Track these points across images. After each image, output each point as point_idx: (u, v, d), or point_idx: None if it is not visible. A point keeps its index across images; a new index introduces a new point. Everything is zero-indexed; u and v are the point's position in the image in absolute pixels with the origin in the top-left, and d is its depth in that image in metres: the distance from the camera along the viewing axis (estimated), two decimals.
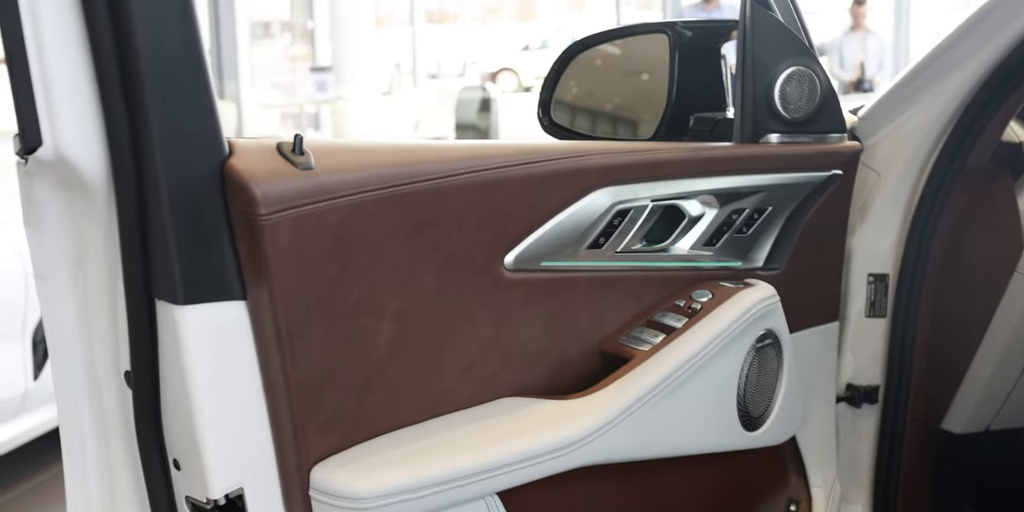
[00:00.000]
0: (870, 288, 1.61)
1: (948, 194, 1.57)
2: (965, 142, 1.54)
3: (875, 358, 1.64)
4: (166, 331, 0.94)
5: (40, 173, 0.94)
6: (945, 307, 1.64)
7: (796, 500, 1.57)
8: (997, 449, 1.95)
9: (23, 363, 3.14)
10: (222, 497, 0.97)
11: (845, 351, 1.64)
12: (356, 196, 0.98)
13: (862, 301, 1.61)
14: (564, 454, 1.12)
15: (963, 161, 1.55)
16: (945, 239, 1.61)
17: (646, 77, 1.55)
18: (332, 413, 1.01)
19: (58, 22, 0.87)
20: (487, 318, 1.14)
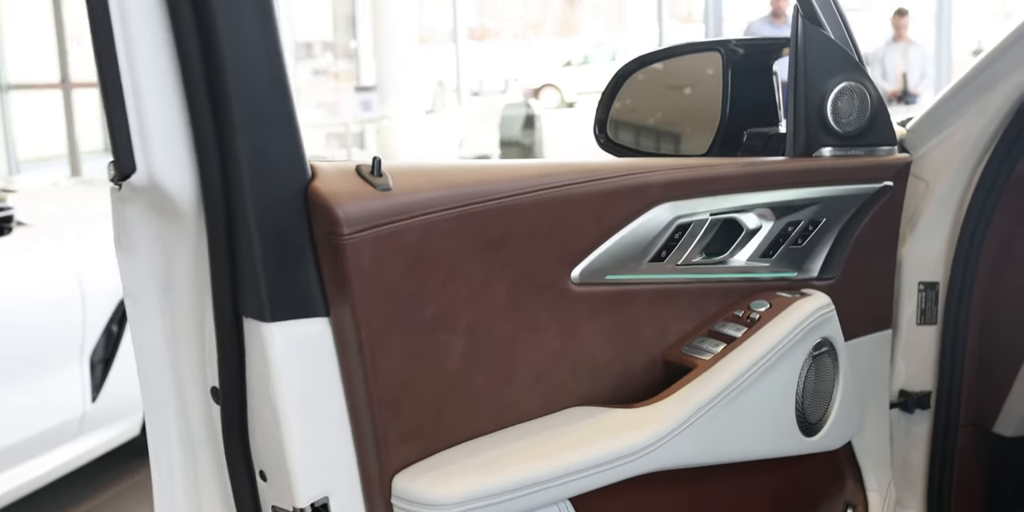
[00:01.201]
0: (921, 296, 1.64)
1: (996, 202, 1.60)
2: (1012, 151, 1.57)
3: (927, 364, 1.66)
4: (253, 347, 0.99)
5: (133, 198, 1.00)
6: (995, 313, 1.66)
7: (853, 504, 1.59)
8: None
9: (82, 385, 3.21)
10: (308, 506, 1.02)
11: (897, 358, 1.67)
12: (431, 215, 1.03)
13: (913, 309, 1.64)
14: (632, 461, 1.16)
15: (1011, 170, 1.58)
16: (994, 247, 1.63)
17: (700, 94, 1.59)
18: (411, 424, 1.06)
19: (151, 56, 0.93)
20: (555, 331, 1.18)
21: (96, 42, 0.92)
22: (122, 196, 1.01)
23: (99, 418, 3.29)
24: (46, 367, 3.11)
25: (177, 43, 0.92)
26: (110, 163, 0.97)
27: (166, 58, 0.93)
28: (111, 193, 1.02)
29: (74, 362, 3.17)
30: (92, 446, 3.30)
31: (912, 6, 8.99)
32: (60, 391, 3.14)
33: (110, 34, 0.91)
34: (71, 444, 3.23)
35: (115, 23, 0.91)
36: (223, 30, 0.91)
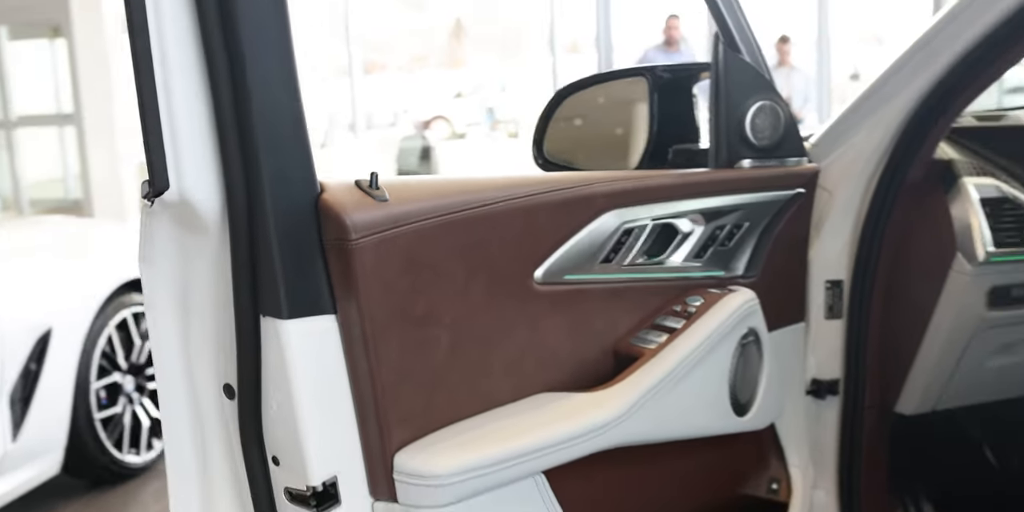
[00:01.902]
0: (827, 293, 1.82)
1: (891, 207, 1.80)
2: (903, 162, 1.77)
3: (834, 355, 1.85)
4: (270, 343, 1.11)
5: (162, 214, 1.12)
6: (894, 305, 1.86)
7: (777, 479, 1.77)
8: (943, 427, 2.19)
9: (1, 424, 3.17)
10: (320, 484, 1.14)
11: (809, 350, 1.85)
12: (422, 223, 1.17)
13: (821, 305, 1.83)
14: (594, 437, 1.30)
15: (903, 178, 1.78)
16: (891, 247, 1.83)
17: (628, 115, 1.77)
18: (408, 408, 1.19)
19: (186, 89, 1.06)
20: (523, 326, 1.32)
21: (138, 79, 1.05)
22: (153, 212, 1.12)
23: (19, 457, 3.26)
24: None
25: (210, 78, 1.06)
26: (144, 181, 1.08)
27: (199, 91, 1.06)
28: (142, 210, 1.13)
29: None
30: (13, 486, 3.26)
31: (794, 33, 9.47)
32: None
33: (151, 72, 1.04)
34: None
35: (155, 62, 1.04)
36: (251, 67, 1.04)
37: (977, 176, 1.86)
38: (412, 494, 1.16)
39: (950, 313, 1.82)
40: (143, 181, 1.09)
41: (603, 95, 1.79)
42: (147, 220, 1.14)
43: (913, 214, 1.83)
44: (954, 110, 1.72)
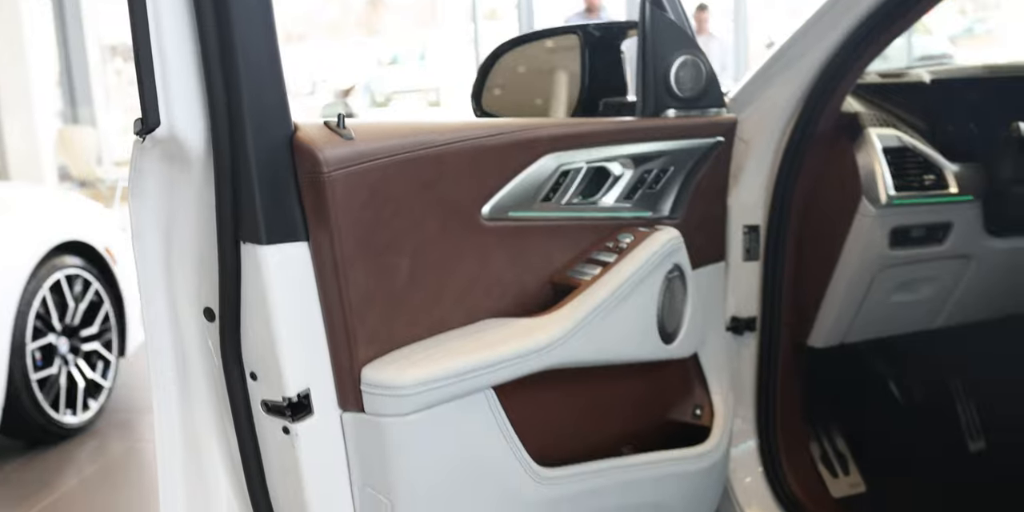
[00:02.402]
0: (745, 238, 1.98)
1: (803, 157, 1.96)
2: (814, 114, 1.93)
3: (752, 294, 2.01)
4: (249, 267, 1.22)
5: (152, 149, 1.22)
6: (806, 247, 2.03)
7: (700, 405, 1.93)
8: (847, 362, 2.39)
9: None
10: (294, 395, 1.26)
11: (729, 290, 2.01)
12: (384, 160, 1.28)
13: (740, 248, 1.99)
14: (536, 357, 1.44)
15: (813, 130, 1.94)
16: (803, 193, 1.99)
17: (561, 71, 1.90)
18: (373, 327, 1.31)
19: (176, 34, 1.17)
20: (472, 257, 1.45)
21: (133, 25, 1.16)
22: (143, 148, 1.22)
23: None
24: None
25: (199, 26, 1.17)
26: (136, 120, 1.19)
27: (188, 36, 1.17)
28: (134, 146, 1.23)
29: None
30: None
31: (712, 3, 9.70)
32: None
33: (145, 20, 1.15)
34: None
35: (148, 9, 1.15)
36: (236, 17, 1.16)
37: (880, 127, 2.03)
38: (377, 404, 1.28)
39: (856, 252, 1.99)
40: (136, 120, 1.19)
41: (538, 52, 1.91)
42: (138, 156, 1.24)
43: (823, 163, 2.00)
44: (859, 66, 1.88)
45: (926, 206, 2.00)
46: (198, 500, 1.34)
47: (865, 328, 2.13)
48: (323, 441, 1.29)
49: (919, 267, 2.08)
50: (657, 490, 1.76)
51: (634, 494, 1.71)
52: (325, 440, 1.30)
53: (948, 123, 2.11)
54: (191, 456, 1.33)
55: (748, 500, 2.08)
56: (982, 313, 2.27)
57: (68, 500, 3.39)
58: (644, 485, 1.73)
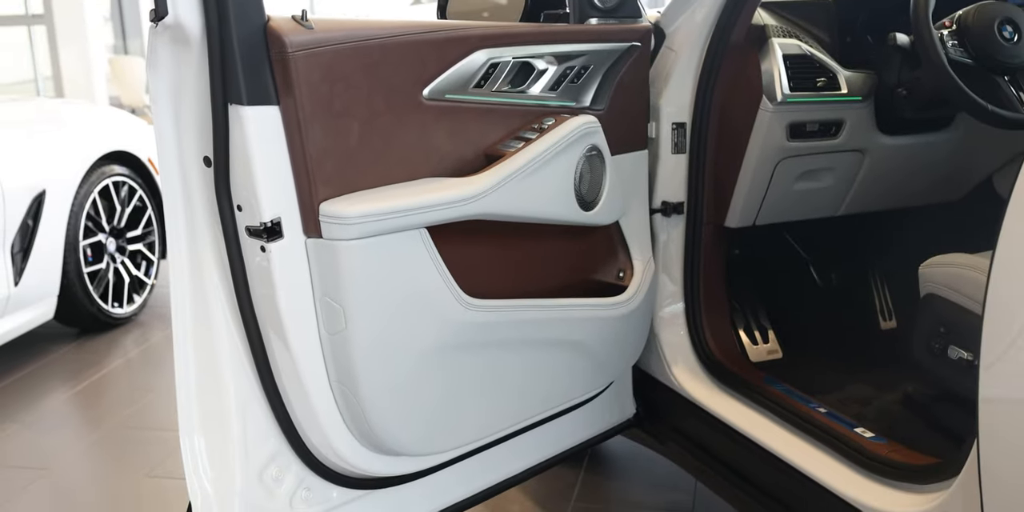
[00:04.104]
0: (674, 133, 2.36)
1: (720, 63, 2.32)
2: (728, 27, 2.29)
3: (679, 182, 2.39)
4: (235, 123, 1.63)
5: (163, 33, 1.63)
6: (722, 141, 2.40)
7: (623, 269, 2.33)
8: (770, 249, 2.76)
9: (5, 272, 3.63)
10: (268, 221, 1.68)
11: (660, 179, 2.38)
12: (336, 46, 1.68)
13: (669, 143, 2.37)
14: (462, 205, 1.82)
15: (727, 40, 2.31)
16: (720, 95, 2.36)
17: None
18: (329, 173, 1.71)
19: None
20: (414, 128, 1.85)
21: None
22: (156, 32, 1.63)
23: (20, 301, 3.74)
24: None
25: None
26: (151, 10, 1.60)
27: None
28: (149, 31, 1.65)
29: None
30: (16, 325, 3.76)
31: None
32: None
33: None
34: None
35: None
36: None
37: (784, 38, 2.38)
38: (331, 231, 1.70)
39: (758, 144, 2.35)
40: (150, 10, 1.61)
41: None
42: (153, 39, 1.65)
43: (736, 69, 2.36)
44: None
45: (818, 104, 2.35)
46: (200, 306, 1.77)
47: (773, 212, 2.50)
48: (291, 259, 1.71)
49: (817, 158, 2.44)
50: (576, 330, 2.16)
51: (555, 330, 2.12)
52: (292, 259, 1.72)
53: (847, 36, 2.45)
54: (195, 271, 1.76)
55: (674, 356, 2.47)
56: (883, 203, 2.63)
57: (114, 376, 3.87)
58: (564, 324, 2.13)
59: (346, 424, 1.84)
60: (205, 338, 1.76)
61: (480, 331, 1.93)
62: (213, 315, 1.75)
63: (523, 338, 2.04)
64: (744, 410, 2.29)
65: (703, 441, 2.40)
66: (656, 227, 2.41)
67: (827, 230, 2.80)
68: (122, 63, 9.72)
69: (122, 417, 3.45)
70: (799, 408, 2.20)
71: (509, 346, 2.01)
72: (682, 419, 2.46)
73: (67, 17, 8.99)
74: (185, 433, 1.78)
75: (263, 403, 1.79)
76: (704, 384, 2.43)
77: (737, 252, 2.78)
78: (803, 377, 2.46)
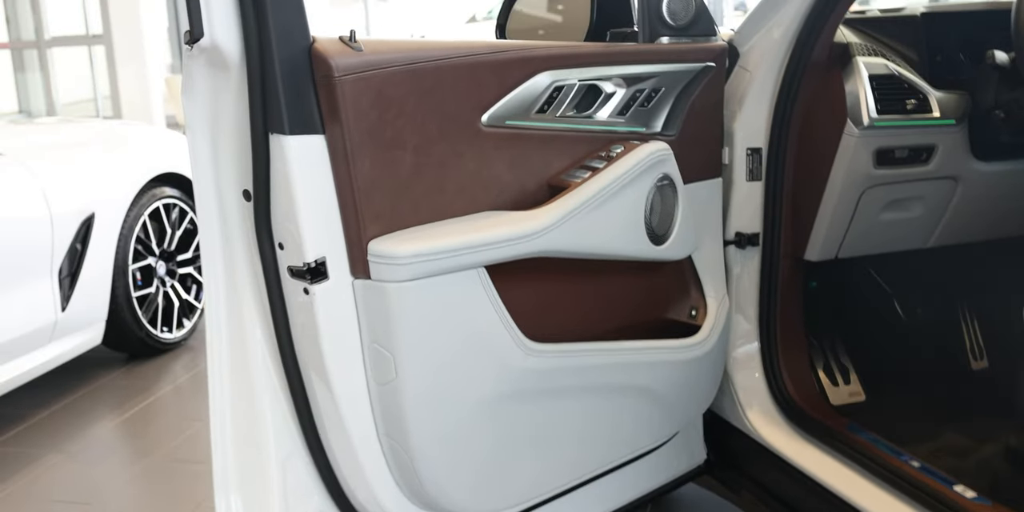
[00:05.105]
0: (749, 159, 2.19)
1: (799, 85, 2.16)
2: (807, 45, 2.12)
3: (755, 211, 2.23)
4: (276, 154, 1.50)
5: (199, 57, 1.50)
6: (802, 167, 2.23)
7: (696, 306, 2.16)
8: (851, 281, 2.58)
9: (52, 297, 3.56)
10: (312, 261, 1.54)
11: (734, 207, 2.22)
12: (387, 69, 1.55)
13: (743, 169, 2.20)
14: (525, 242, 1.69)
15: (808, 59, 2.14)
16: (800, 118, 2.19)
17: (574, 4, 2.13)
18: (379, 209, 1.58)
19: None
20: (472, 157, 1.71)
21: None
22: (192, 55, 1.50)
23: (68, 326, 3.66)
24: (21, 280, 3.44)
25: None
26: (185, 32, 1.47)
27: None
28: (184, 54, 1.52)
29: (45, 276, 3.52)
30: (63, 351, 3.66)
31: None
32: (34, 301, 3.49)
33: None
34: (45, 348, 3.58)
35: None
36: None
37: (869, 56, 2.21)
38: (380, 271, 1.56)
39: (843, 171, 2.18)
40: (185, 31, 1.48)
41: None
42: (188, 62, 1.53)
43: (817, 90, 2.19)
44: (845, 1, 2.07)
45: (908, 129, 2.17)
46: (237, 350, 1.64)
47: (857, 244, 2.32)
48: (336, 302, 1.58)
49: (906, 186, 2.26)
50: (644, 374, 2.00)
51: (621, 375, 1.95)
52: (338, 301, 1.58)
53: (937, 54, 2.27)
54: (233, 313, 1.63)
55: (748, 400, 2.30)
56: (976, 234, 2.44)
57: (162, 403, 3.78)
58: (631, 368, 1.97)
59: (395, 480, 1.69)
60: (243, 387, 1.62)
61: (541, 378, 1.78)
62: (252, 362, 1.62)
63: (586, 384, 1.89)
64: (826, 460, 2.11)
65: (780, 492, 2.22)
66: (729, 260, 2.25)
67: (913, 261, 2.61)
68: (178, 82, 9.74)
69: (169, 448, 3.34)
70: (889, 460, 2.01)
71: (571, 393, 1.86)
72: (758, 467, 2.28)
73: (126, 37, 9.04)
74: (220, 490, 1.64)
75: (305, 457, 1.65)
76: (782, 430, 2.26)
77: (814, 284, 2.60)
78: (890, 424, 2.28)
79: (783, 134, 2.19)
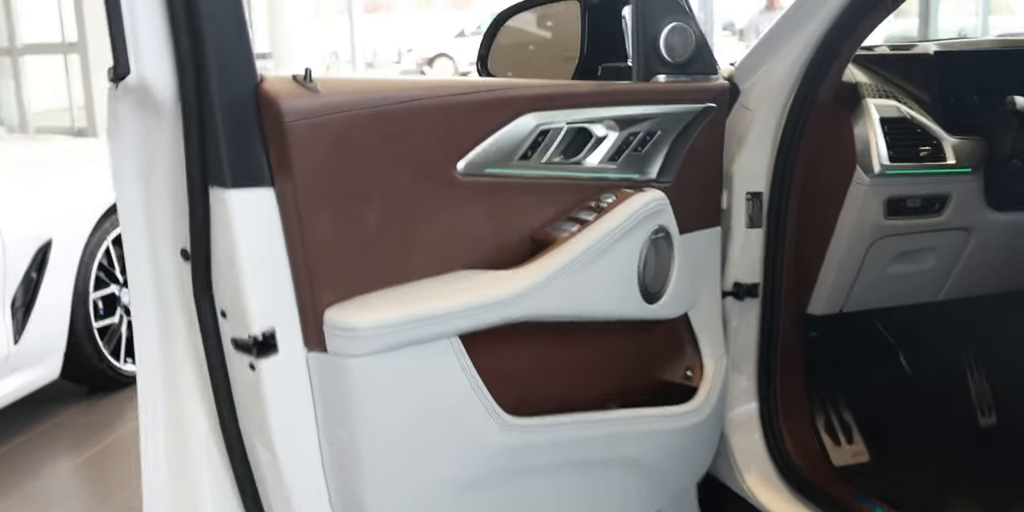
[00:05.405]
0: (748, 204, 2.02)
1: (804, 126, 1.98)
2: (814, 84, 1.95)
3: (755, 261, 2.05)
4: (218, 209, 1.31)
5: (125, 96, 1.32)
6: (805, 215, 2.06)
7: (691, 367, 1.98)
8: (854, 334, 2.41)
9: (4, 329, 3.35)
10: (259, 334, 1.35)
11: (732, 256, 2.04)
12: (350, 112, 1.36)
13: (743, 215, 2.03)
14: (505, 307, 1.51)
15: (813, 99, 1.96)
16: (803, 162, 2.02)
17: (562, 35, 1.95)
18: (337, 272, 1.39)
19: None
20: (446, 210, 1.52)
21: None
22: (117, 95, 1.32)
23: (21, 360, 3.45)
24: None
25: None
26: (109, 68, 1.28)
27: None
28: (108, 92, 1.33)
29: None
30: (17, 386, 3.46)
31: None
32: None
33: None
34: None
35: None
36: None
37: (880, 98, 2.04)
38: (338, 344, 1.37)
39: (851, 221, 2.01)
40: (108, 67, 1.29)
41: (539, 17, 1.97)
42: (113, 102, 1.34)
43: (823, 132, 2.02)
44: (858, 35, 1.90)
45: (922, 177, 2.01)
46: (174, 430, 1.45)
47: (864, 297, 2.15)
48: (288, 379, 1.39)
49: (918, 238, 2.10)
50: (635, 446, 1.82)
51: (609, 448, 1.77)
52: (290, 378, 1.39)
53: (950, 95, 2.11)
54: (169, 388, 1.44)
55: (747, 463, 2.12)
56: (987, 287, 2.28)
57: (124, 441, 3.57)
58: (620, 440, 1.79)
59: None
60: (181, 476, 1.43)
61: (518, 456, 1.60)
62: (191, 446, 1.43)
63: (568, 460, 1.71)
64: None
65: None
66: (727, 312, 2.07)
67: (920, 313, 2.45)
68: None
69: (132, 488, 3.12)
70: None
71: (551, 470, 1.67)
72: None
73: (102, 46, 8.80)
74: None
75: None
76: (782, 495, 2.09)
77: (814, 334, 2.42)
78: (898, 488, 2.11)
79: (786, 178, 2.01)
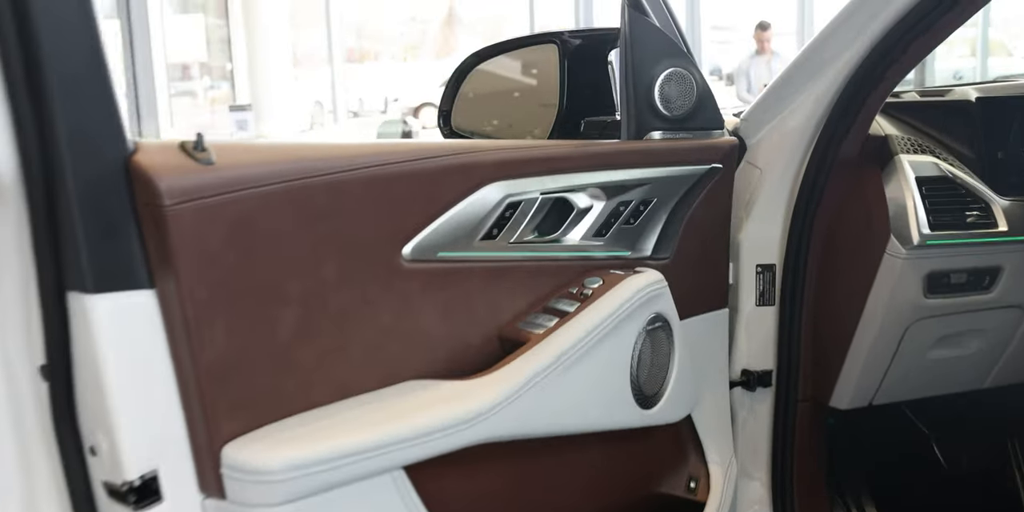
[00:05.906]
0: (759, 278, 1.71)
1: (824, 186, 1.68)
2: (835, 137, 1.65)
3: (767, 344, 1.74)
4: (77, 320, 0.99)
5: None
6: (827, 291, 1.75)
7: (696, 477, 1.65)
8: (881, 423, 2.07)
9: None
10: (137, 479, 1.02)
11: (739, 339, 1.73)
12: (256, 189, 1.05)
13: (752, 291, 1.71)
14: (461, 430, 1.18)
15: (836, 154, 1.66)
16: (823, 229, 1.72)
17: (537, 85, 1.65)
18: (241, 395, 1.07)
19: None
20: (388, 306, 1.20)
21: None
22: None
23: None
24: None
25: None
26: None
27: None
28: None
29: None
30: None
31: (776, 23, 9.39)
32: None
33: None
34: None
35: None
36: (39, 12, 0.92)
37: (915, 153, 1.74)
38: (240, 491, 1.04)
39: (884, 300, 1.71)
40: None
41: (512, 63, 1.67)
42: None
43: (847, 193, 1.73)
44: (887, 82, 1.60)
45: (969, 247, 1.71)
46: None
47: (898, 388, 1.84)
48: None
49: (962, 319, 1.79)
50: None
51: None
52: None
53: (997, 149, 1.81)
54: None
55: None
56: None
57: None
58: None
59: None
60: None
61: None
62: None
63: None
64: None
65: None
66: (735, 404, 1.75)
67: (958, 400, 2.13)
68: None
69: None
70: None
71: None
72: None
73: None
74: None
75: None
76: None
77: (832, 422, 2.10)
78: None
79: (802, 248, 1.71)
